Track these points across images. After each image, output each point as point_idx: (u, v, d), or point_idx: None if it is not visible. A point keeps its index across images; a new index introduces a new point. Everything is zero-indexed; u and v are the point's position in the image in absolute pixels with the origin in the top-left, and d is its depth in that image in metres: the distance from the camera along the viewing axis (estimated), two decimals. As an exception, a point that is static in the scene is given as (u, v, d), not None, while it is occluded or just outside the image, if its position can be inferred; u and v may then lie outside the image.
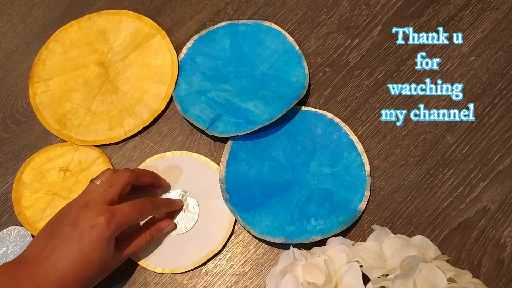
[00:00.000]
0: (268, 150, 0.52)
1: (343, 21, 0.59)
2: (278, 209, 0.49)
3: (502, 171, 0.51)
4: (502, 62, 0.56)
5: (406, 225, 0.49)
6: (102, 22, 0.59)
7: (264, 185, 0.50)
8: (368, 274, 0.35)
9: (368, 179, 0.50)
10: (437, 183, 0.51)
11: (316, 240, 0.47)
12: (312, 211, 0.48)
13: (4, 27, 0.62)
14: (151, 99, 0.55)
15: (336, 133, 0.52)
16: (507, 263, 0.47)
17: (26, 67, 0.59)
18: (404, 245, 0.38)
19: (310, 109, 0.54)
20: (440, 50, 0.57)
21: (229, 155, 0.51)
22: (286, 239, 0.47)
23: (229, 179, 0.50)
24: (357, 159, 0.51)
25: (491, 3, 0.59)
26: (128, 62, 0.57)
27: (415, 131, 0.53)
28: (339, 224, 0.47)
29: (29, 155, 0.54)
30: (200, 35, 0.58)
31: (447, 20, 0.58)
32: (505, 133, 0.52)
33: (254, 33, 0.57)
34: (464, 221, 0.49)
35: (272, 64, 0.55)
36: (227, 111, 0.53)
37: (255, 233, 0.48)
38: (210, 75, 0.55)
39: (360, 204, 0.49)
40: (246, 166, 0.51)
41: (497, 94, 0.54)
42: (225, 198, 0.49)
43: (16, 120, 0.56)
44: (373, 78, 0.56)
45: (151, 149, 0.54)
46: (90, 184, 0.44)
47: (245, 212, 0.48)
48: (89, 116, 0.55)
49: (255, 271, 0.48)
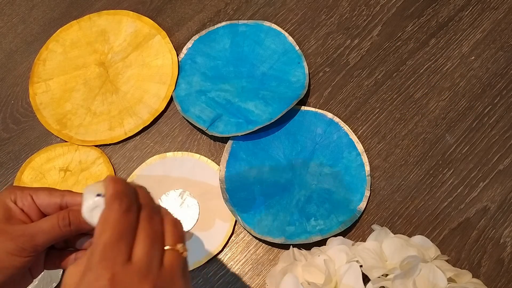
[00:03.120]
0: (268, 150, 0.52)
1: (343, 21, 0.59)
2: (278, 209, 0.49)
3: (502, 171, 0.51)
4: (502, 62, 0.56)
5: (406, 225, 0.49)
6: (102, 22, 0.60)
7: (264, 185, 0.50)
8: (368, 274, 0.36)
9: (368, 179, 0.50)
10: (437, 183, 0.51)
11: (316, 240, 0.47)
12: (312, 211, 0.48)
13: (5, 27, 0.62)
14: (151, 99, 0.55)
15: (336, 133, 0.52)
16: (507, 263, 0.47)
17: (27, 67, 0.59)
18: (404, 245, 0.38)
19: (310, 109, 0.54)
20: (440, 50, 0.57)
21: (229, 155, 0.51)
22: (286, 239, 0.47)
23: (229, 179, 0.50)
24: (357, 159, 0.51)
25: (491, 3, 0.59)
26: (128, 62, 0.57)
27: (415, 131, 0.53)
28: (338, 224, 0.47)
29: (29, 155, 0.54)
30: (200, 35, 0.58)
31: (447, 20, 0.58)
32: (505, 133, 0.52)
33: (254, 33, 0.57)
34: (464, 221, 0.49)
35: (272, 64, 0.55)
36: (227, 111, 0.53)
37: (255, 233, 0.48)
38: (210, 75, 0.55)
39: (360, 204, 0.49)
40: (246, 166, 0.51)
41: (497, 94, 0.54)
42: (225, 199, 0.49)
43: (17, 120, 0.56)
44: (373, 78, 0.56)
45: (151, 149, 0.54)
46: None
47: (245, 212, 0.48)
48: (89, 116, 0.55)
49: (255, 271, 0.48)
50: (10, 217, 0.33)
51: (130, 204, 0.28)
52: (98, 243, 0.26)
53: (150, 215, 0.29)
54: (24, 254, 0.32)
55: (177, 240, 0.29)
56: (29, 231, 0.33)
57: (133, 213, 0.28)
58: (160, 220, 0.29)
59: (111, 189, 0.28)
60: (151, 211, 0.29)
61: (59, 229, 0.34)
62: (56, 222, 0.34)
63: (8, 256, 0.32)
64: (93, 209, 0.30)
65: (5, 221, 0.33)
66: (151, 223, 0.28)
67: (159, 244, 0.28)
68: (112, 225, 0.26)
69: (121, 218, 0.27)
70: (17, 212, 0.34)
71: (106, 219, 0.27)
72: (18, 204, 0.34)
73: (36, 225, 0.33)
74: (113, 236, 0.26)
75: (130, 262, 0.26)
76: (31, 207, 0.35)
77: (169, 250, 0.28)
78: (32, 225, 0.33)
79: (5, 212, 0.33)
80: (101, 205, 0.30)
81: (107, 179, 0.30)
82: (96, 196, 0.30)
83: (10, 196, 0.34)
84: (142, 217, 0.28)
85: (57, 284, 0.47)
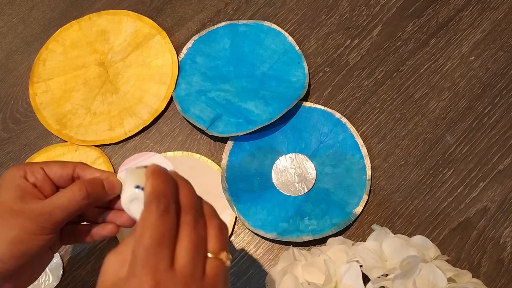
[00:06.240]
0: (272, 144, 0.52)
1: (343, 21, 0.59)
2: (274, 204, 0.49)
3: (502, 171, 0.51)
4: (502, 62, 0.56)
5: (406, 225, 0.49)
6: (102, 22, 0.60)
7: (264, 179, 0.50)
8: (368, 274, 0.36)
9: (368, 183, 0.50)
10: (437, 183, 0.51)
11: (306, 240, 0.47)
12: (307, 210, 0.48)
13: (5, 27, 0.62)
14: (151, 99, 0.55)
15: (342, 134, 0.52)
16: (507, 263, 0.47)
17: (26, 67, 0.59)
18: (404, 245, 0.38)
19: (319, 107, 0.53)
20: (440, 50, 0.57)
21: (233, 145, 0.51)
22: (277, 235, 0.47)
23: (230, 168, 0.50)
24: (360, 162, 0.51)
25: (491, 3, 0.59)
26: (128, 62, 0.57)
27: (415, 131, 0.53)
28: (332, 226, 0.47)
29: (29, 155, 0.54)
30: (200, 35, 0.58)
31: (447, 20, 0.58)
32: (505, 133, 0.52)
33: (254, 33, 0.57)
34: (464, 221, 0.49)
35: (272, 64, 0.55)
36: (227, 111, 0.53)
37: (249, 225, 0.48)
38: (210, 75, 0.55)
39: (356, 208, 0.49)
40: (249, 158, 0.51)
41: (497, 94, 0.54)
42: (224, 187, 0.49)
43: (16, 120, 0.56)
44: (373, 78, 0.56)
45: (151, 149, 0.54)
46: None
47: (241, 203, 0.49)
48: (89, 116, 0.55)
49: (255, 271, 0.48)
50: (23, 195, 0.32)
51: (168, 205, 0.27)
52: (139, 246, 0.25)
53: (194, 218, 0.28)
54: (46, 232, 0.32)
55: (222, 247, 0.28)
56: (47, 209, 0.32)
57: (172, 215, 0.27)
58: (204, 224, 0.28)
59: (149, 186, 0.27)
60: (195, 214, 0.28)
61: (76, 202, 0.33)
62: (72, 196, 0.33)
63: (31, 237, 0.32)
64: (131, 201, 0.30)
65: (19, 200, 0.32)
66: (195, 228, 0.27)
67: (203, 251, 0.27)
68: (151, 228, 0.26)
69: (159, 220, 0.26)
70: (29, 188, 0.33)
71: (145, 221, 0.26)
72: (29, 179, 0.33)
73: (53, 201, 0.32)
74: (153, 239, 0.25)
75: (173, 269, 0.25)
76: (44, 180, 0.34)
77: (212, 258, 0.27)
78: (49, 202, 0.32)
79: (16, 190, 0.32)
80: (139, 198, 0.29)
81: (149, 170, 0.28)
82: (135, 188, 0.29)
83: (19, 173, 0.33)
84: (185, 221, 0.27)
85: (57, 284, 0.47)
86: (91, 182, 0.34)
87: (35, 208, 0.32)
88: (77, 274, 0.48)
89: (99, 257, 0.49)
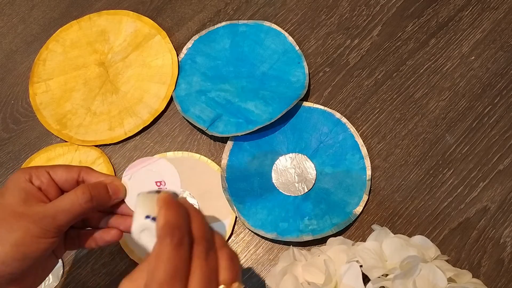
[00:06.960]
0: (272, 143, 0.52)
1: (343, 21, 0.59)
2: (275, 204, 0.49)
3: (502, 171, 0.51)
4: (502, 62, 0.56)
5: (406, 225, 0.49)
6: (102, 22, 0.60)
7: (264, 178, 0.50)
8: (368, 274, 0.35)
9: (368, 183, 0.50)
10: (437, 183, 0.51)
11: (306, 239, 0.47)
12: (307, 210, 0.48)
13: (5, 27, 0.62)
14: (151, 99, 0.55)
15: (342, 134, 0.52)
16: (507, 263, 0.47)
17: (26, 67, 0.59)
18: (404, 245, 0.38)
19: (319, 107, 0.53)
20: (440, 50, 0.57)
21: (233, 145, 0.51)
22: (277, 235, 0.47)
23: (230, 168, 0.51)
24: (360, 162, 0.51)
25: (491, 3, 0.59)
26: (128, 62, 0.57)
27: (415, 131, 0.53)
28: (332, 226, 0.47)
29: (29, 155, 0.54)
30: (200, 35, 0.58)
31: (447, 20, 0.58)
32: (505, 133, 0.52)
33: (254, 33, 0.57)
34: (464, 221, 0.49)
35: (272, 64, 0.55)
36: (227, 111, 0.53)
37: (249, 225, 0.48)
38: (210, 75, 0.55)
39: (356, 208, 0.49)
40: (249, 157, 0.51)
41: (497, 94, 0.54)
42: (224, 187, 0.49)
43: (16, 120, 0.56)
44: (373, 78, 0.56)
45: (151, 149, 0.54)
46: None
47: (241, 203, 0.49)
48: (89, 116, 0.55)
49: (255, 271, 0.48)
50: (27, 199, 0.32)
51: (182, 237, 0.27)
52: (153, 281, 0.25)
53: (205, 250, 0.28)
54: (49, 236, 0.32)
55: (233, 278, 0.28)
56: (51, 212, 0.32)
57: (185, 247, 0.27)
58: (215, 256, 0.28)
59: (162, 219, 0.27)
60: (206, 245, 0.28)
61: (80, 205, 0.33)
62: (76, 199, 0.33)
63: (34, 239, 0.31)
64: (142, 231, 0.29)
65: (22, 203, 0.32)
66: (207, 260, 0.27)
67: (215, 283, 0.27)
68: (165, 262, 0.25)
69: (172, 253, 0.26)
70: (34, 191, 0.33)
71: (159, 255, 0.26)
72: (34, 182, 0.33)
73: (56, 204, 0.32)
74: (166, 274, 0.25)
75: None
76: (49, 184, 0.34)
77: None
78: (52, 205, 0.32)
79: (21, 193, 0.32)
80: (150, 229, 0.29)
81: (160, 200, 0.28)
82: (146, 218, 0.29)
83: (24, 176, 0.33)
84: (196, 254, 0.27)
85: (57, 284, 0.47)
86: (95, 185, 0.34)
87: (38, 211, 0.32)
88: (77, 274, 0.48)
89: (99, 257, 0.49)
